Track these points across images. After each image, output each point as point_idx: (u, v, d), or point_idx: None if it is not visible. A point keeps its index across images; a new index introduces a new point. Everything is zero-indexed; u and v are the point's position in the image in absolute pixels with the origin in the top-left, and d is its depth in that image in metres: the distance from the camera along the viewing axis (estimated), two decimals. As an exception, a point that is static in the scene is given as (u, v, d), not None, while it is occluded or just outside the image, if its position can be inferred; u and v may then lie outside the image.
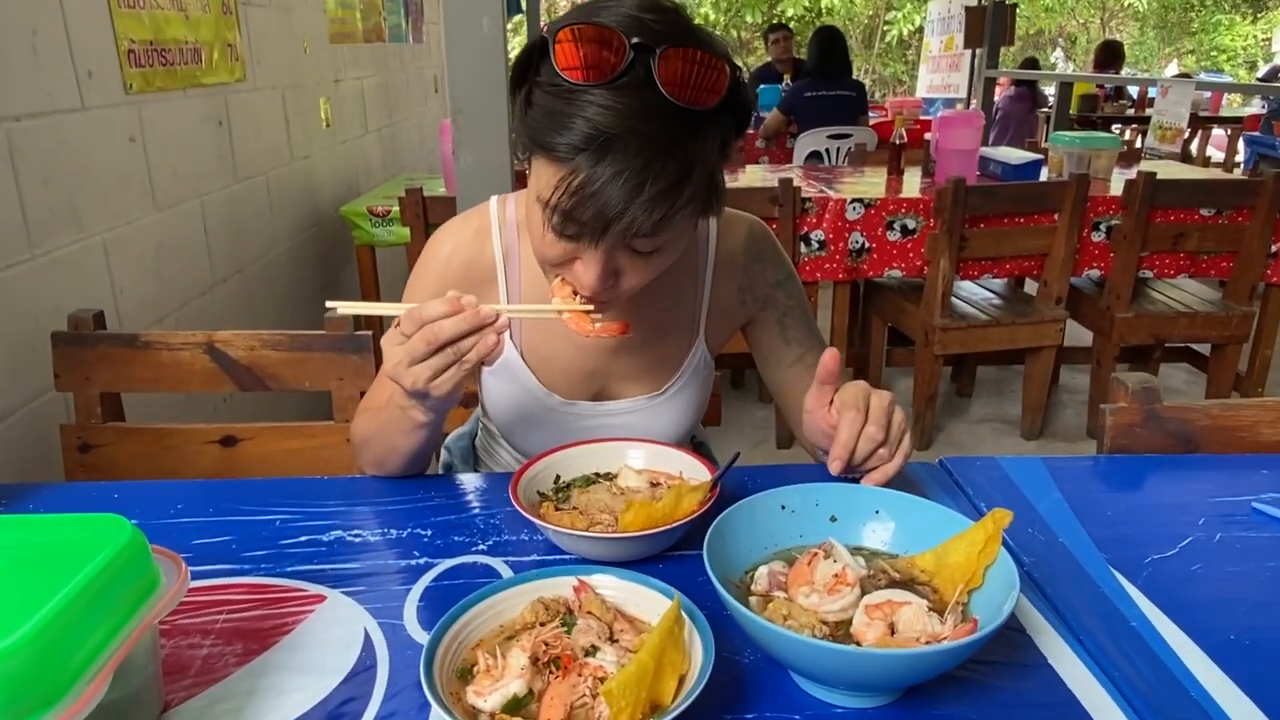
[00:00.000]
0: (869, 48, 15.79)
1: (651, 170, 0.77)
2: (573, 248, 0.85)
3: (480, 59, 1.79)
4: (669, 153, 0.78)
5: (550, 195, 0.81)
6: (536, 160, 0.84)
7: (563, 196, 0.79)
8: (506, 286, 1.08)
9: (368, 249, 3.11)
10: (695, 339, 1.13)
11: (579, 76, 0.78)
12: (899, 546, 0.80)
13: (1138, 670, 0.72)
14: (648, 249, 0.86)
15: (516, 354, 1.09)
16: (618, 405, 1.12)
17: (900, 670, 0.61)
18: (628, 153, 0.77)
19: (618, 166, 0.77)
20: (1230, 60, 17.20)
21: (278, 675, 0.73)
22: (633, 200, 0.77)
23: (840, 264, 3.09)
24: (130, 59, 1.98)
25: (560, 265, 0.89)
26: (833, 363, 0.90)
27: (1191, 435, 1.12)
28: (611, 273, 0.87)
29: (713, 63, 0.79)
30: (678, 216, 0.81)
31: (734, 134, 0.86)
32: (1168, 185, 2.92)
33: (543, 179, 0.83)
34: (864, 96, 5.02)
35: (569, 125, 0.78)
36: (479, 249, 1.07)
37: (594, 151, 0.77)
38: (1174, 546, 0.89)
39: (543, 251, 0.89)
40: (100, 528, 0.66)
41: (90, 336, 1.41)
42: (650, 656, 0.61)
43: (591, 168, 0.77)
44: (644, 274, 0.89)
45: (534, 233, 0.89)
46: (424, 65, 4.80)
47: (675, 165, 0.78)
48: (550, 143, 0.79)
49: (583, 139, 0.77)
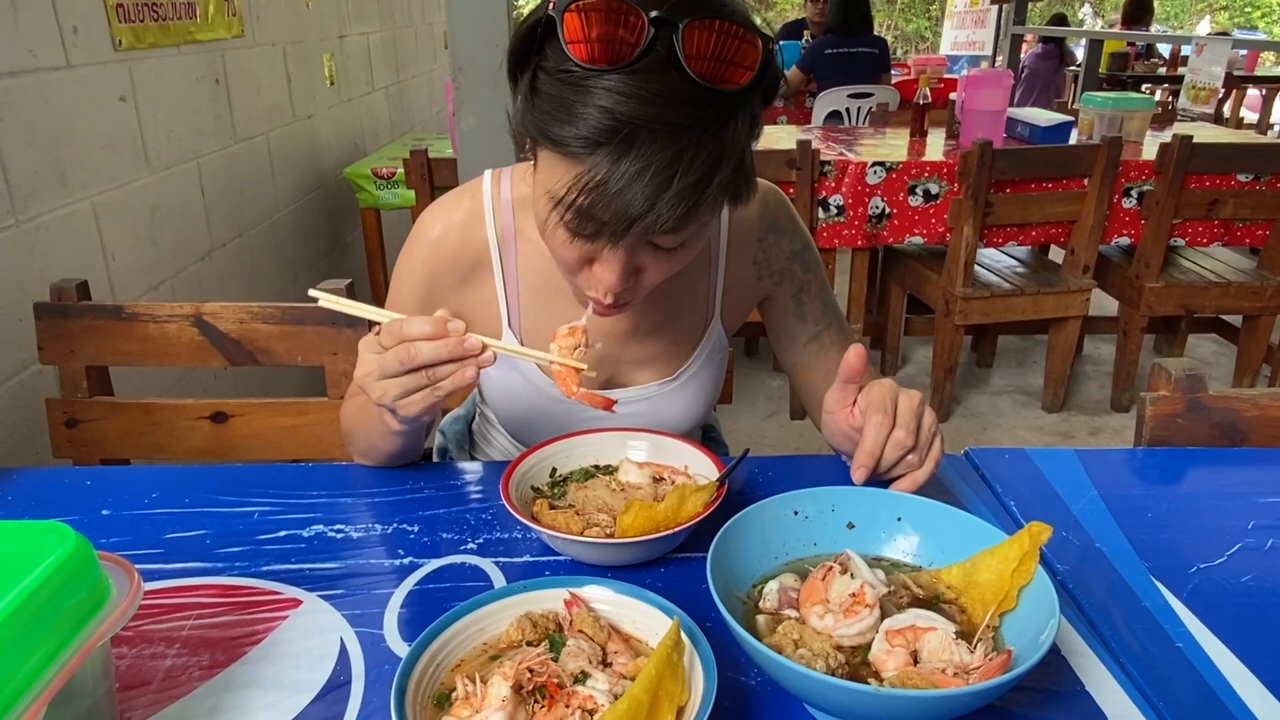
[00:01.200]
0: (891, 2, 15.39)
1: (679, 164, 0.67)
2: (590, 248, 0.76)
3: (483, 15, 1.70)
4: (698, 142, 0.68)
5: (565, 194, 0.71)
6: (545, 153, 0.74)
7: (579, 195, 0.70)
8: (503, 272, 0.99)
9: (373, 212, 3.03)
10: (711, 320, 1.05)
11: (592, 60, 0.68)
12: (923, 559, 0.73)
13: (1183, 698, 0.65)
14: (672, 245, 0.77)
15: (515, 341, 1.01)
16: (628, 393, 1.03)
17: (923, 712, 0.55)
18: (653, 146, 0.67)
19: (642, 162, 0.67)
20: (1266, 17, 16.65)
21: (244, 691, 0.68)
22: (659, 197, 0.68)
23: (859, 230, 2.99)
24: (119, 14, 1.89)
25: (575, 267, 0.80)
26: (857, 361, 0.82)
27: (1238, 426, 1.04)
28: (632, 272, 0.79)
29: (743, 35, 0.69)
30: (706, 209, 0.72)
31: (763, 109, 0.77)
32: (1204, 149, 2.79)
33: (554, 175, 0.73)
34: (886, 54, 4.86)
35: (583, 116, 0.68)
36: (471, 232, 0.98)
37: (614, 146, 0.67)
38: (1221, 554, 0.82)
39: (555, 252, 0.80)
40: (40, 537, 0.60)
41: (74, 308, 1.35)
42: (644, 691, 0.55)
43: (612, 164, 0.68)
44: (666, 270, 0.81)
45: (545, 235, 0.79)
46: (433, 20, 4.67)
47: (705, 155, 0.68)
48: (562, 137, 0.69)
49: (601, 132, 0.67)
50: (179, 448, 1.39)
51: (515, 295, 1.00)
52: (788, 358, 1.11)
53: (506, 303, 1.00)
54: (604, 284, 0.78)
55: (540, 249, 0.97)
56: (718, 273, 1.03)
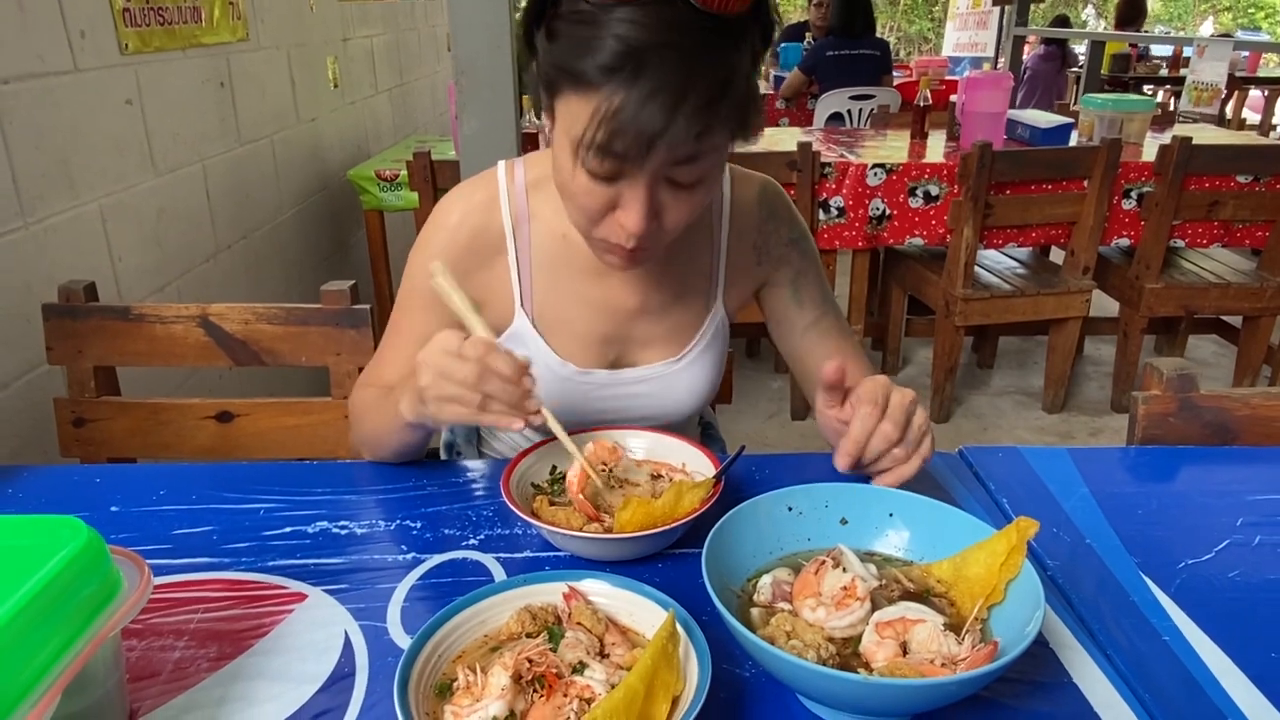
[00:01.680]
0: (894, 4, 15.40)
1: (690, 84, 0.72)
2: (613, 192, 0.80)
3: (485, 18, 1.71)
4: (706, 64, 0.74)
5: (584, 131, 0.75)
6: (563, 99, 0.79)
7: (599, 129, 0.74)
8: (516, 256, 1.02)
9: (376, 214, 3.05)
10: (714, 301, 1.08)
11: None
12: (914, 553, 0.74)
13: (1169, 690, 0.66)
14: (689, 179, 0.81)
15: (527, 321, 1.03)
16: (635, 373, 1.06)
17: (910, 700, 0.56)
18: (664, 68, 0.72)
19: (654, 83, 0.72)
20: (1269, 18, 16.63)
21: (251, 682, 0.69)
22: (673, 117, 0.72)
23: (860, 231, 3.00)
24: (125, 18, 1.91)
25: (598, 215, 0.83)
26: (834, 374, 0.85)
27: (1229, 425, 1.05)
28: (655, 212, 0.82)
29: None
30: (718, 132, 0.77)
31: (762, 47, 0.81)
32: (1203, 150, 2.80)
33: (572, 115, 0.77)
34: (888, 56, 4.87)
35: (597, 47, 0.73)
36: (488, 218, 1.02)
37: (628, 72, 0.72)
38: (1210, 550, 0.84)
39: (580, 203, 0.83)
40: (55, 530, 0.62)
41: (82, 309, 1.37)
42: (640, 681, 0.57)
43: (627, 89, 0.73)
44: (685, 210, 0.84)
45: (568, 187, 0.83)
46: (436, 23, 4.69)
47: (713, 76, 0.74)
48: (579, 69, 0.74)
49: (614, 58, 0.72)
50: (185, 447, 1.41)
51: (528, 276, 1.02)
52: (787, 345, 1.13)
53: (519, 284, 1.02)
54: (628, 227, 0.81)
55: (552, 230, 1.01)
56: (720, 256, 1.07)
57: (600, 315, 1.03)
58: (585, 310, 1.03)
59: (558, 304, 1.03)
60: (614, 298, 1.02)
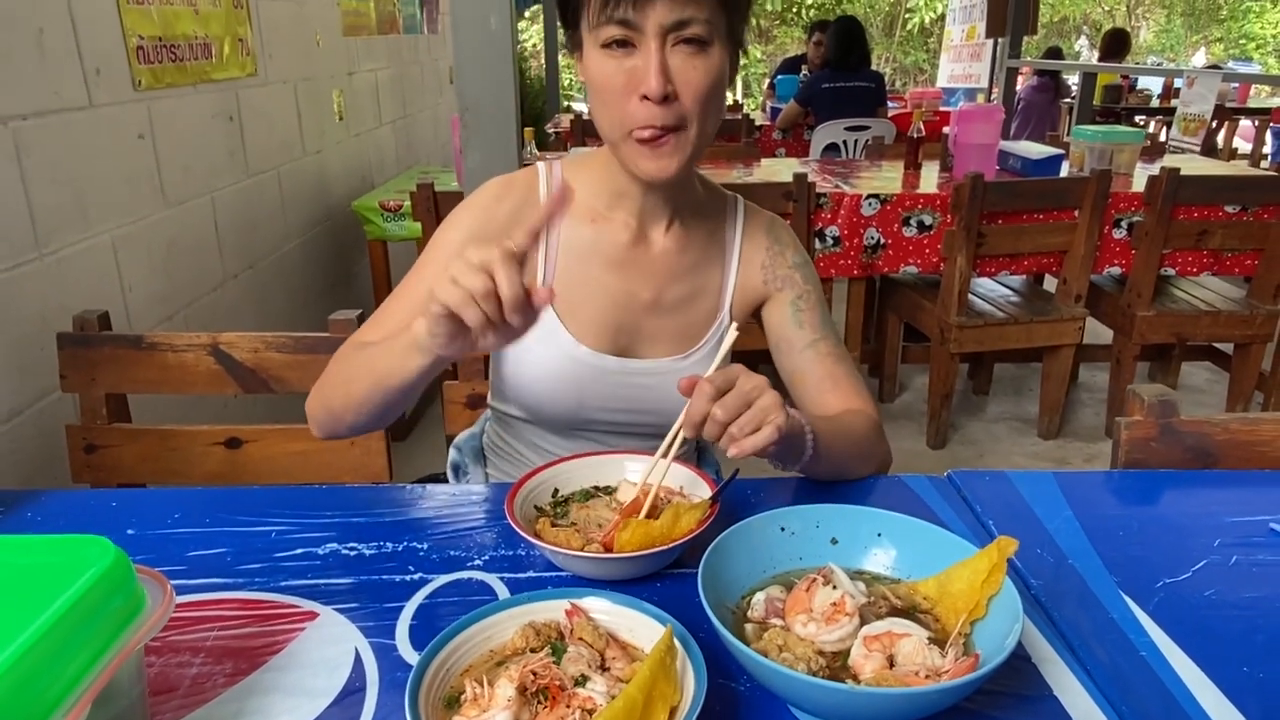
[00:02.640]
0: (890, 36, 15.62)
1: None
2: (630, 66, 0.92)
3: (488, 57, 1.77)
4: None
5: (599, 3, 0.90)
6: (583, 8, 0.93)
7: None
8: (547, 239, 1.09)
9: (380, 244, 3.10)
10: (721, 311, 1.15)
11: None
12: (901, 571, 0.77)
13: (1145, 703, 0.69)
14: (691, 35, 0.91)
15: (551, 311, 1.08)
16: (642, 364, 1.12)
17: (895, 709, 0.59)
18: None
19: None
20: (1260, 49, 16.87)
21: (265, 697, 0.72)
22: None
23: (855, 260, 3.06)
24: (139, 55, 1.97)
25: (623, 91, 0.93)
26: (684, 387, 0.86)
27: (1210, 450, 1.09)
28: (667, 74, 0.91)
29: None
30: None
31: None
32: (1191, 181, 2.86)
33: (591, 7, 0.92)
34: (882, 88, 4.96)
35: None
36: (526, 199, 1.09)
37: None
38: (1187, 570, 0.87)
39: (608, 87, 0.94)
40: (84, 550, 0.65)
41: (95, 337, 1.40)
42: (639, 691, 0.60)
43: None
44: (698, 77, 0.93)
45: (596, 85, 0.95)
46: (439, 56, 4.78)
47: None
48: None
49: None
50: (194, 473, 1.44)
51: (555, 260, 1.09)
52: (785, 364, 1.17)
53: (545, 268, 1.09)
54: (649, 85, 0.91)
55: (584, 216, 1.08)
56: (730, 271, 1.15)
57: (617, 304, 1.10)
58: (604, 298, 1.09)
59: (579, 289, 1.09)
60: (632, 289, 1.09)
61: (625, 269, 1.09)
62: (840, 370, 1.13)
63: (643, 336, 1.12)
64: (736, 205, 1.17)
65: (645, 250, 1.10)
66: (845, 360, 1.15)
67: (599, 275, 1.09)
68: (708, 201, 1.15)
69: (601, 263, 1.09)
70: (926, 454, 3.14)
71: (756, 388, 0.85)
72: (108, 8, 1.86)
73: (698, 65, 0.93)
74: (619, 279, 1.09)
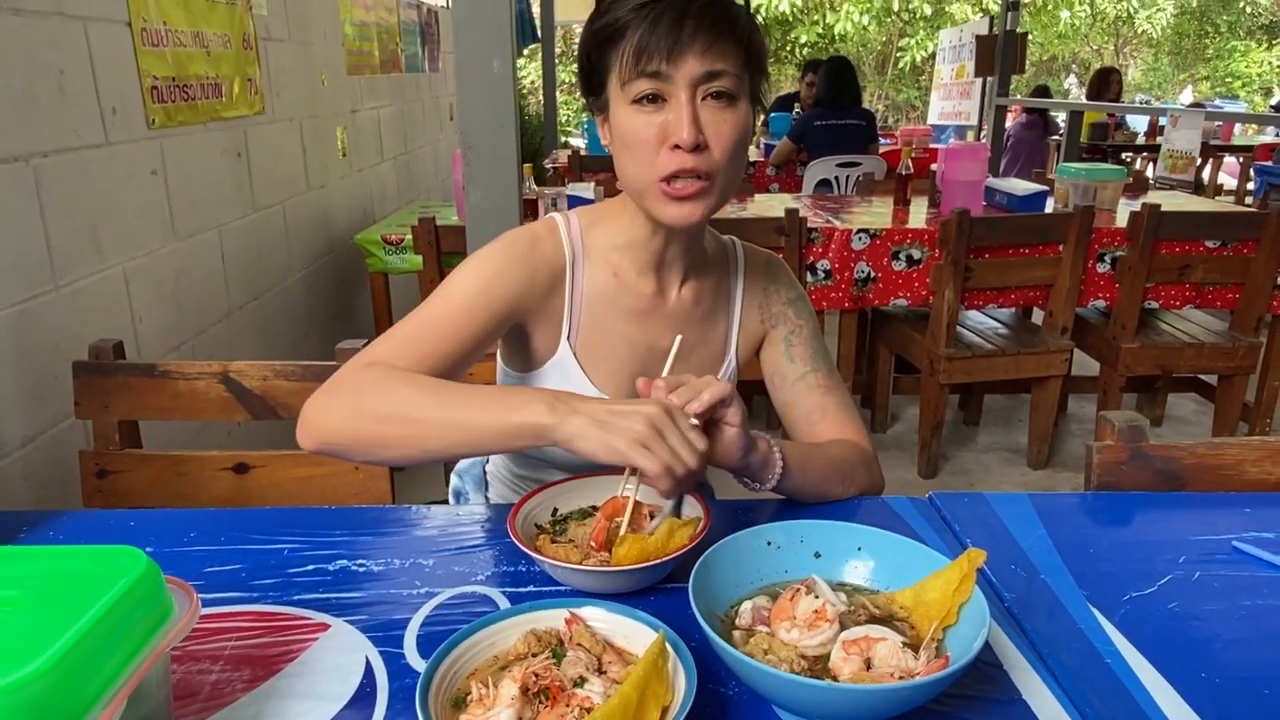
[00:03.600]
0: (882, 73, 15.89)
1: (690, 7, 0.94)
2: (661, 120, 0.96)
3: (491, 98, 1.85)
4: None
5: (633, 57, 0.94)
6: (611, 65, 0.98)
7: (634, 53, 0.94)
8: (571, 286, 1.11)
9: (381, 276, 3.17)
10: (728, 355, 1.20)
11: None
12: (879, 583, 0.83)
13: (1109, 706, 0.74)
14: (720, 89, 0.96)
15: (570, 353, 1.12)
16: None
17: (871, 704, 0.64)
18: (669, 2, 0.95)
19: (662, 9, 0.94)
20: (1246, 87, 17.20)
21: (282, 700, 0.77)
22: (682, 26, 0.93)
23: (846, 293, 3.13)
24: (153, 95, 2.05)
25: (656, 150, 0.97)
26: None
27: (1177, 473, 1.14)
28: (699, 124, 0.95)
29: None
30: (729, 50, 0.95)
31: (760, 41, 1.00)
32: (1172, 217, 2.94)
33: (622, 67, 0.96)
34: (873, 126, 5.07)
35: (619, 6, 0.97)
36: (555, 250, 1.11)
37: (645, 11, 0.94)
38: (1153, 584, 0.92)
39: (640, 139, 0.97)
40: (118, 559, 0.70)
41: (110, 366, 1.45)
42: (633, 689, 0.64)
43: (648, 22, 0.94)
44: (726, 130, 0.97)
45: (628, 138, 0.98)
46: (439, 94, 4.89)
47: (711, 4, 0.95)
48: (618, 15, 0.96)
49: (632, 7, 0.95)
50: (202, 497, 1.48)
51: (579, 312, 1.12)
52: (778, 397, 1.22)
53: (570, 319, 1.12)
54: (681, 134, 0.95)
55: (604, 269, 1.11)
56: (735, 314, 1.19)
57: (637, 353, 1.14)
58: (624, 347, 1.13)
59: (601, 340, 1.13)
60: (651, 338, 1.13)
61: (645, 320, 1.13)
62: (830, 401, 1.17)
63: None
64: (736, 250, 1.21)
65: (664, 302, 1.13)
66: (836, 391, 1.19)
67: (621, 327, 1.13)
68: (713, 250, 1.19)
69: (623, 315, 1.12)
70: (918, 483, 3.19)
71: (707, 380, 0.91)
72: (125, 50, 1.94)
73: (727, 118, 0.97)
74: (639, 330, 1.13)
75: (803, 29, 14.29)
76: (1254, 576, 0.94)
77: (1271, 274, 3.02)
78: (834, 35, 14.36)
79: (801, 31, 14.28)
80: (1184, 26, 17.32)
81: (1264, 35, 17.31)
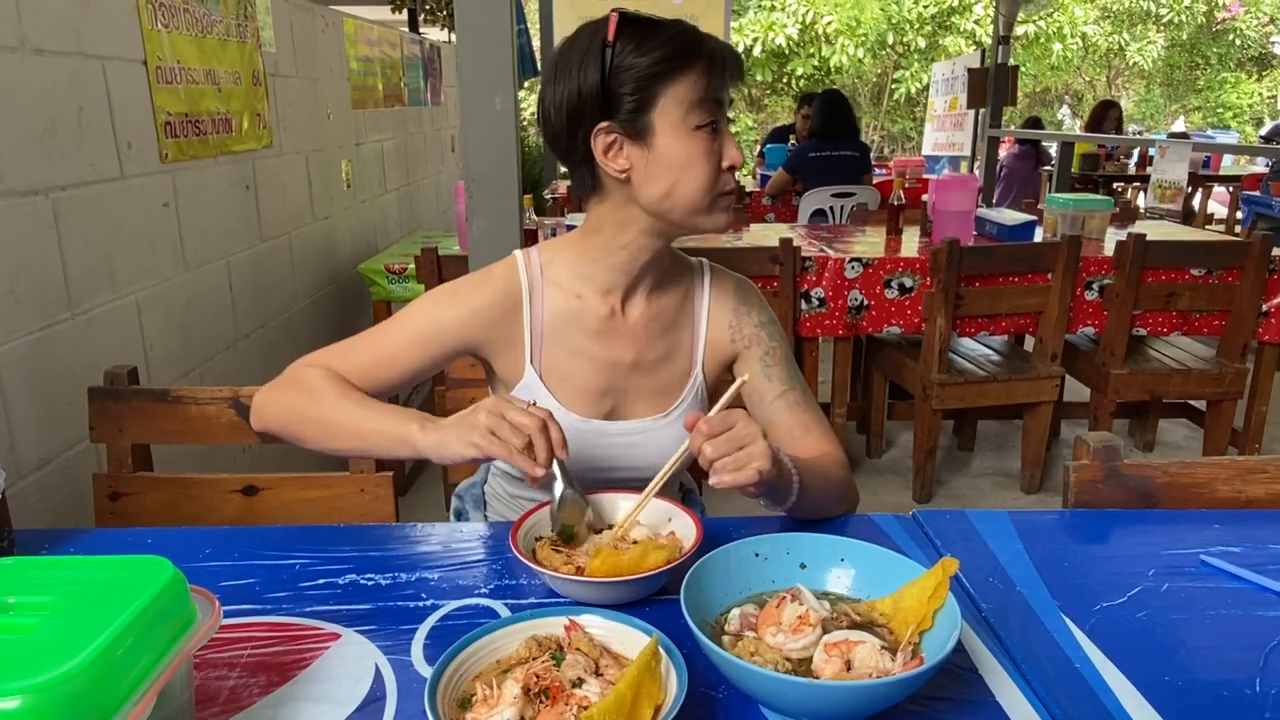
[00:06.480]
0: (877, 105, 16.10)
1: (725, 47, 1.09)
2: (715, 144, 1.08)
3: (493, 133, 1.92)
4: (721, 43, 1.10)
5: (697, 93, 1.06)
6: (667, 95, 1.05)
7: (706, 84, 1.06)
8: (529, 313, 1.19)
9: (384, 304, 3.23)
10: (694, 369, 1.25)
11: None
12: (860, 591, 0.87)
13: (1077, 707, 0.79)
14: (730, 115, 1.12)
15: (536, 376, 1.19)
16: (626, 425, 1.22)
17: (851, 700, 0.69)
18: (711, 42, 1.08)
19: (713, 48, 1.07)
20: (1237, 117, 17.42)
21: (296, 705, 0.81)
22: (727, 65, 1.08)
23: (840, 320, 3.19)
24: (166, 130, 2.12)
25: (717, 172, 1.09)
26: (689, 422, 0.99)
27: (1151, 491, 1.19)
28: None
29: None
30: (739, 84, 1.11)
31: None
32: (1158, 246, 3.01)
33: (682, 94, 1.05)
34: (867, 157, 5.17)
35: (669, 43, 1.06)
36: (510, 281, 1.20)
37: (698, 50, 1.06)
38: (1123, 595, 0.97)
39: (705, 163, 1.07)
40: (146, 568, 0.75)
41: (125, 391, 1.51)
42: (629, 687, 0.69)
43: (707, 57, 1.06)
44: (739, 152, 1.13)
45: (691, 164, 1.07)
46: (441, 126, 4.99)
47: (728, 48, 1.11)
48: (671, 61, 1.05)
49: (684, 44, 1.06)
50: (213, 519, 1.52)
51: (540, 336, 1.19)
52: (757, 414, 1.27)
53: (531, 343, 1.19)
54: (735, 157, 1.10)
55: (565, 294, 1.19)
56: (700, 331, 1.26)
57: (601, 370, 1.20)
58: (588, 365, 1.20)
59: (564, 360, 1.20)
60: (614, 354, 1.20)
61: (606, 338, 1.20)
62: (810, 417, 1.24)
63: (627, 397, 1.23)
64: (703, 269, 1.27)
65: (624, 320, 1.20)
66: (812, 407, 1.26)
67: (582, 345, 1.19)
68: (674, 269, 1.25)
69: (583, 333, 1.19)
70: (912, 507, 3.22)
71: (749, 435, 0.97)
72: (140, 87, 2.01)
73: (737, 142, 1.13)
74: (601, 348, 1.20)
75: (799, 62, 14.50)
76: (1219, 588, 0.98)
77: (1256, 301, 3.08)
78: (830, 68, 14.57)
79: (798, 64, 14.50)
80: (1175, 58, 17.57)
81: (1254, 67, 17.57)
